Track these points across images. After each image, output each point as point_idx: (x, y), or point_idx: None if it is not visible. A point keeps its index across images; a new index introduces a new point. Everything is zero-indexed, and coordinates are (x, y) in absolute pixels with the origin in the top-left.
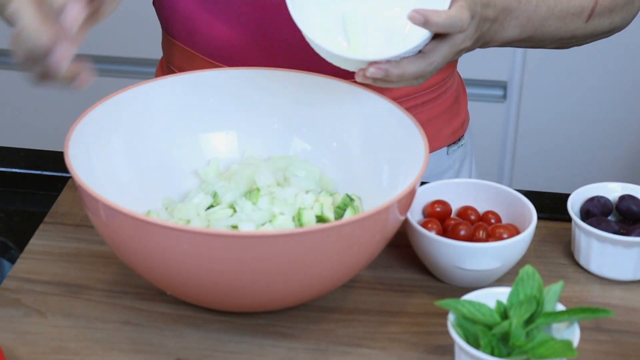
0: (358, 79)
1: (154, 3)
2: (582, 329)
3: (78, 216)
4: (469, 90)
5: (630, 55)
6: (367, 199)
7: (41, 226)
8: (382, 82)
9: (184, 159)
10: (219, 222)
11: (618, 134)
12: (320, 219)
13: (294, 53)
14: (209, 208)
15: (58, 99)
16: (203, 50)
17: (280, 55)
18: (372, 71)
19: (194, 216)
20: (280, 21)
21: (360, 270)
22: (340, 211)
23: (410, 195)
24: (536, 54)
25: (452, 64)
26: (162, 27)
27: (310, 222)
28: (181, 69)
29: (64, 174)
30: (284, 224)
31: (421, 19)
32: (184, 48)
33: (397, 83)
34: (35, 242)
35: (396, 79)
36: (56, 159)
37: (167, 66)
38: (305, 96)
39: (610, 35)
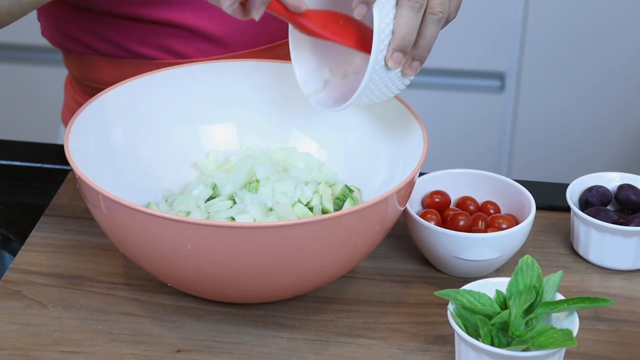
0: (408, 74)
1: None
2: (581, 319)
3: (78, 208)
4: (466, 81)
5: (629, 46)
6: (367, 190)
7: (42, 219)
8: (414, 60)
9: (183, 151)
10: (219, 213)
11: (617, 124)
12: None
13: None
14: (208, 200)
15: (58, 92)
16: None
17: None
18: (391, 63)
19: (193, 208)
20: None
21: (359, 261)
22: (339, 202)
23: (409, 186)
24: (534, 44)
25: None
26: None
27: (305, 214)
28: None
29: (64, 167)
30: (283, 216)
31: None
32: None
33: (423, 43)
34: (36, 235)
35: (410, 39)
36: (56, 152)
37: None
38: None
39: None
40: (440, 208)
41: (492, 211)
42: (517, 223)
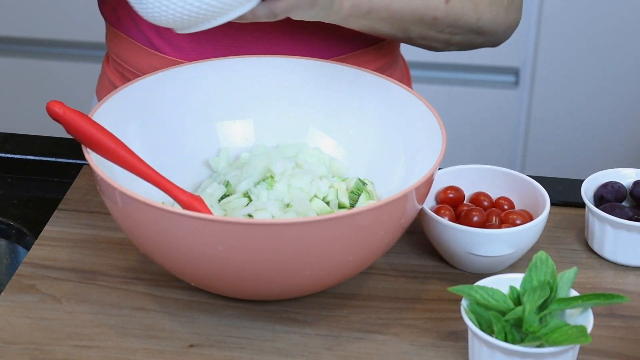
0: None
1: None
2: (595, 315)
3: (92, 203)
4: (480, 76)
5: None
6: (385, 187)
7: (56, 213)
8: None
9: (198, 148)
10: (235, 211)
11: (632, 120)
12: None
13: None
14: (222, 198)
15: (73, 87)
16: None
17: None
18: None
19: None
20: None
21: (377, 258)
22: (354, 196)
23: (428, 183)
24: (549, 39)
25: (394, 47)
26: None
27: (323, 210)
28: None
29: (78, 161)
30: (302, 212)
31: None
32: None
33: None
34: (50, 229)
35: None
36: (70, 146)
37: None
38: (323, 85)
39: (483, 42)
40: (454, 204)
41: (506, 207)
42: (531, 219)
